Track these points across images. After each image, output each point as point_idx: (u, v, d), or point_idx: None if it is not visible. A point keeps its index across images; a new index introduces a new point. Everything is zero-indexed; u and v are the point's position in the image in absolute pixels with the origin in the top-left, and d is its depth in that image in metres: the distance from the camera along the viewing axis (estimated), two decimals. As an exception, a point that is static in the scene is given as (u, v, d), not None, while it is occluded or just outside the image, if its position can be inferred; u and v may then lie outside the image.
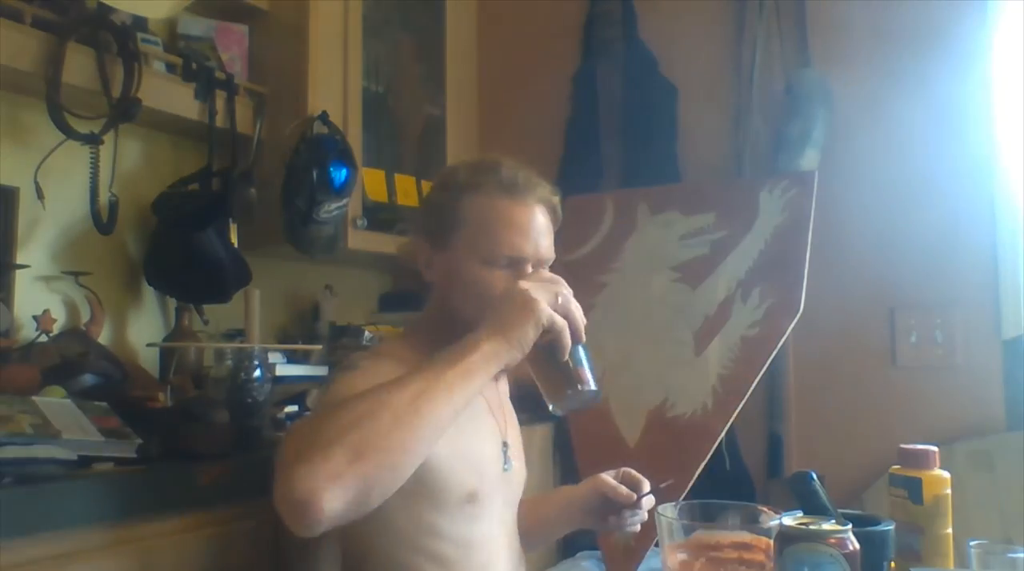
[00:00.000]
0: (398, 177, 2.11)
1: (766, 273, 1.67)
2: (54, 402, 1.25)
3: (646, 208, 1.88)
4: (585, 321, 0.98)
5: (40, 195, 1.53)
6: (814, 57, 2.02)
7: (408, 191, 2.13)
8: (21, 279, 1.56)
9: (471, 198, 1.11)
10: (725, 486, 1.85)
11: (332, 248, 1.87)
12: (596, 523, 1.22)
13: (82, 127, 1.50)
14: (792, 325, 1.60)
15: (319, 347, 1.90)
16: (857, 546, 0.85)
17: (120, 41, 1.55)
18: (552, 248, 1.14)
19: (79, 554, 1.09)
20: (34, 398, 1.24)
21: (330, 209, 1.81)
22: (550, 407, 0.99)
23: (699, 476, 1.60)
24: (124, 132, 1.64)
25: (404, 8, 2.28)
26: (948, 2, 1.90)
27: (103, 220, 1.60)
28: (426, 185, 2.18)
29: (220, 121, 1.75)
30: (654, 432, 1.66)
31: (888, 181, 1.94)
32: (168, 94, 1.67)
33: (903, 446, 1.14)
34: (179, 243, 1.69)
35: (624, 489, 1.15)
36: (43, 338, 1.54)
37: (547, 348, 0.95)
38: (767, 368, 1.61)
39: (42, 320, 1.55)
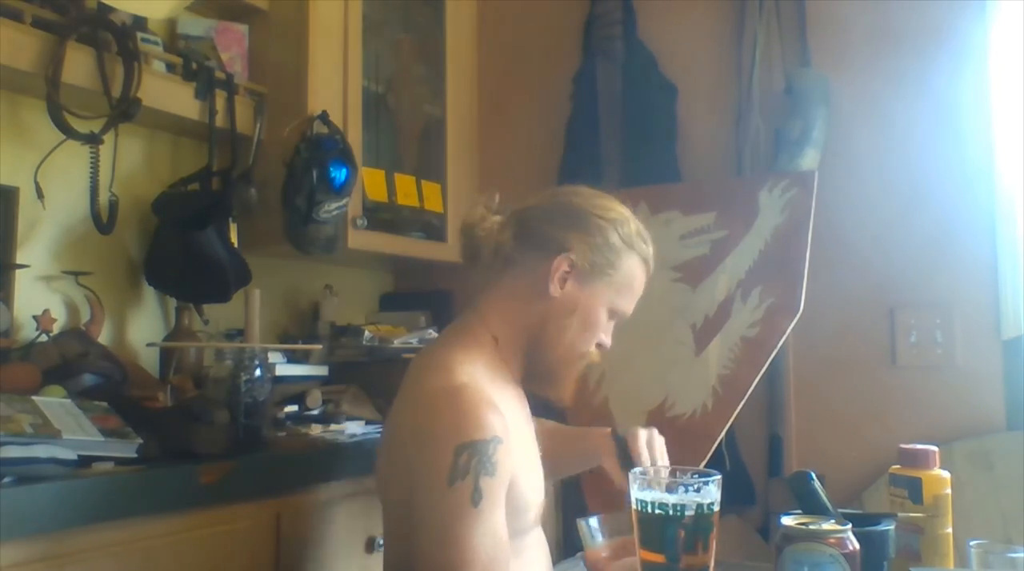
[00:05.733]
0: (398, 177, 2.11)
1: (766, 273, 1.67)
2: (54, 402, 1.25)
3: (646, 207, 1.88)
4: None
5: (40, 195, 1.53)
6: (814, 57, 2.02)
7: (408, 191, 2.13)
8: (21, 279, 1.56)
9: (630, 257, 1.20)
10: (725, 486, 1.85)
11: (332, 248, 1.87)
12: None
13: (82, 127, 1.50)
14: (792, 325, 1.60)
15: (319, 347, 1.90)
16: (857, 546, 0.85)
17: (120, 41, 1.55)
18: None
19: (79, 554, 1.09)
20: (34, 398, 1.24)
21: (330, 209, 1.81)
22: None
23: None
24: (124, 132, 1.64)
25: (404, 8, 2.28)
26: (947, 2, 1.90)
27: (103, 220, 1.60)
28: (426, 185, 2.19)
29: (220, 121, 1.75)
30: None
31: (888, 181, 1.94)
32: (168, 94, 1.67)
33: (903, 446, 1.14)
34: (179, 243, 1.69)
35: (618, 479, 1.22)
36: (43, 338, 1.54)
37: None
38: (767, 368, 1.61)
39: (42, 320, 1.55)
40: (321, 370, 1.85)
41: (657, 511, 0.83)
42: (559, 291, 1.16)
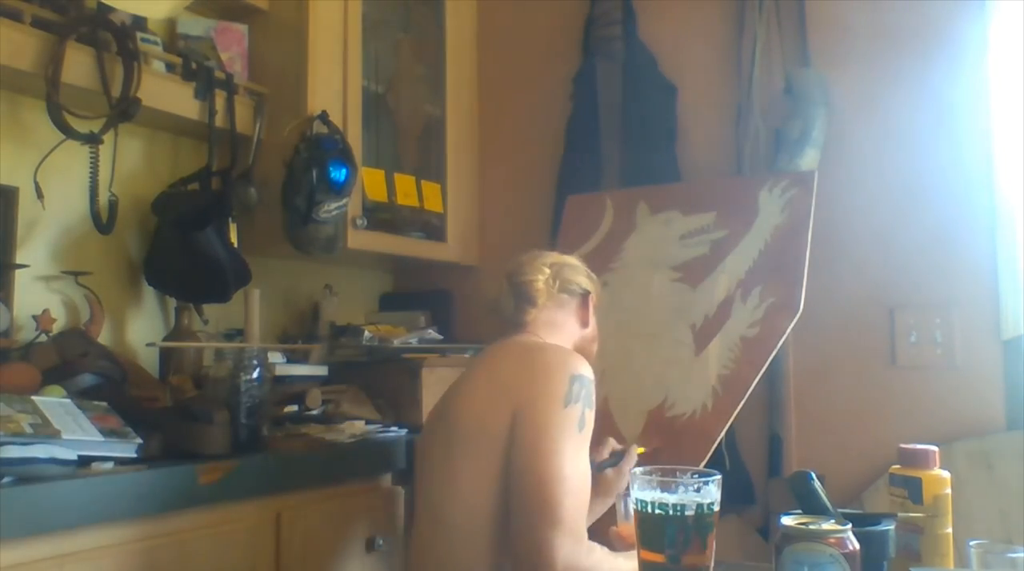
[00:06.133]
0: (398, 177, 2.11)
1: (766, 273, 1.67)
2: (54, 402, 1.26)
3: (646, 207, 1.88)
4: None
5: (40, 195, 1.53)
6: (814, 57, 2.02)
7: (408, 191, 2.13)
8: (21, 279, 1.56)
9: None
10: (725, 486, 1.84)
11: (332, 248, 1.87)
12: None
13: (82, 127, 1.50)
14: (792, 325, 1.60)
15: (319, 347, 1.90)
16: (857, 546, 0.85)
17: (120, 41, 1.55)
18: None
19: (79, 554, 1.09)
20: (34, 398, 1.24)
21: (330, 209, 1.81)
22: None
23: (699, 476, 1.60)
24: (124, 132, 1.64)
25: (404, 8, 2.28)
26: (947, 2, 1.90)
27: (103, 220, 1.60)
28: (426, 185, 2.19)
29: (220, 121, 1.75)
30: (654, 432, 1.66)
31: (888, 181, 1.94)
32: (168, 94, 1.67)
33: (903, 446, 1.14)
34: (179, 243, 1.69)
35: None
36: (43, 338, 1.54)
37: None
38: (767, 368, 1.61)
39: (42, 320, 1.55)
40: (321, 370, 1.85)
41: (657, 511, 0.83)
42: (590, 321, 1.48)
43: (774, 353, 1.60)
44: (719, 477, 0.85)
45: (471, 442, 1.22)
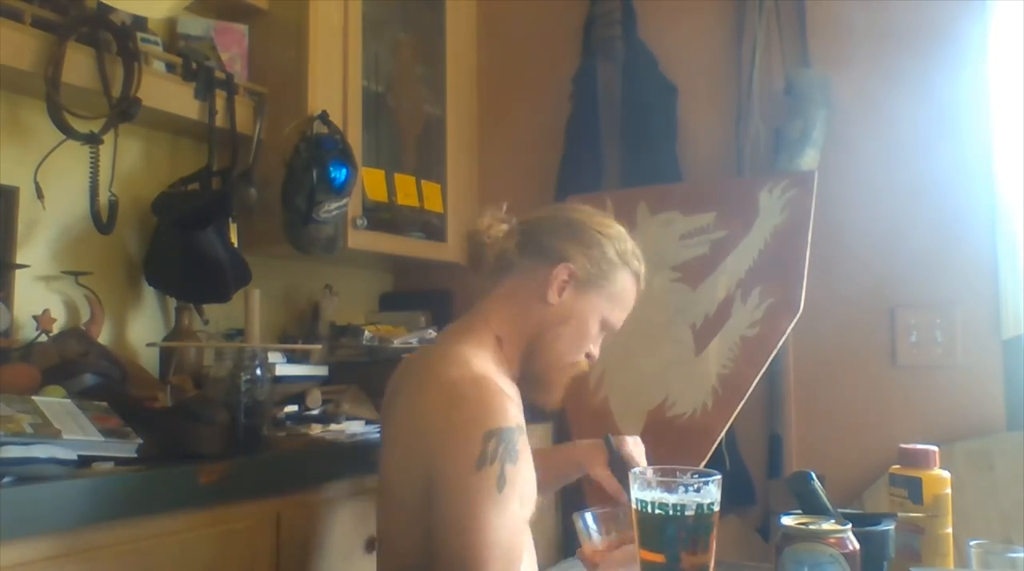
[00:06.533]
0: (398, 177, 2.11)
1: (766, 273, 1.67)
2: (54, 402, 1.25)
3: (646, 208, 1.88)
4: None
5: (40, 195, 1.53)
6: (814, 57, 2.02)
7: (408, 191, 2.13)
8: (21, 279, 1.56)
9: (624, 272, 1.25)
10: (725, 486, 1.84)
11: (332, 248, 1.88)
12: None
13: (82, 127, 1.50)
14: (792, 325, 1.60)
15: (319, 347, 1.90)
16: (857, 546, 0.85)
17: (120, 41, 1.55)
18: None
19: (79, 554, 1.09)
20: (34, 398, 1.24)
21: (330, 209, 1.81)
22: None
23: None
24: (124, 132, 1.64)
25: (404, 8, 2.28)
26: (947, 2, 1.90)
27: (103, 220, 1.60)
28: (426, 185, 2.19)
29: (220, 121, 1.75)
30: (654, 432, 1.66)
31: (888, 180, 1.94)
32: (168, 94, 1.67)
33: (903, 446, 1.14)
34: (179, 243, 1.69)
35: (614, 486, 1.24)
36: (43, 338, 1.54)
37: None
38: (767, 368, 1.61)
39: (42, 320, 1.55)
40: (321, 370, 1.85)
41: (657, 511, 0.83)
42: (557, 299, 1.20)
43: (774, 353, 1.60)
44: (719, 477, 0.85)
45: (398, 492, 1.15)
